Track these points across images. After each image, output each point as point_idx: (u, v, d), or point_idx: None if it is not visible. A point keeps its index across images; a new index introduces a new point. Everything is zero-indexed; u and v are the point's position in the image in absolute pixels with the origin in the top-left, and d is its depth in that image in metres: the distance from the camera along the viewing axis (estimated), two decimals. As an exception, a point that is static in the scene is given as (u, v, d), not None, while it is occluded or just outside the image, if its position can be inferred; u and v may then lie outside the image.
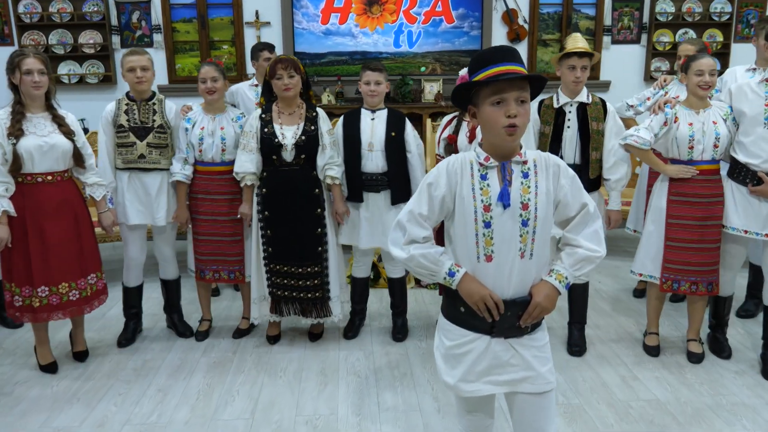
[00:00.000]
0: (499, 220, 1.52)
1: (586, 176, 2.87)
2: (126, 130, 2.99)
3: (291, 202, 2.95)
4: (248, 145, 2.93)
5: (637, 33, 5.64)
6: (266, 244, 3.01)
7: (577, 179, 1.60)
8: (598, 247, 1.58)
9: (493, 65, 1.48)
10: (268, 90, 2.97)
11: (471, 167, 1.55)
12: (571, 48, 2.81)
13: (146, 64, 2.97)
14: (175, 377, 2.86)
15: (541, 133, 2.92)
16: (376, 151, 3.00)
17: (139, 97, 3.02)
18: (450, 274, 1.55)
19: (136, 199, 3.05)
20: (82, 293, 2.84)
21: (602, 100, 2.93)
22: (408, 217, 1.59)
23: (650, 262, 2.90)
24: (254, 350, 3.13)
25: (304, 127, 2.93)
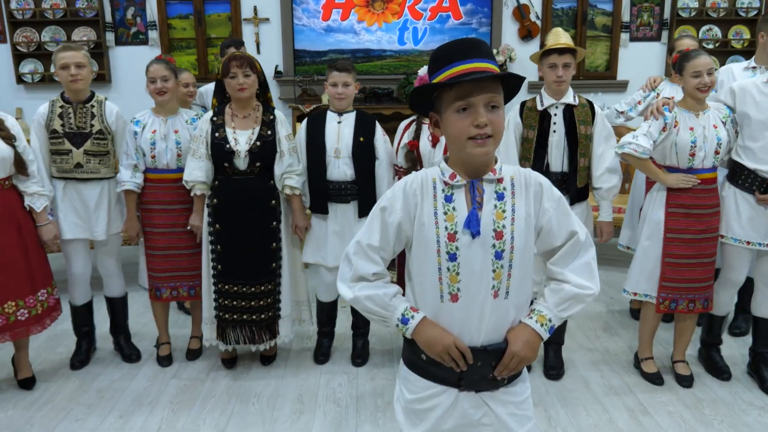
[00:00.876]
0: (467, 252, 1.26)
1: (574, 185, 2.63)
2: (60, 136, 2.68)
3: (244, 214, 2.67)
4: (197, 150, 2.65)
5: (657, 30, 5.30)
6: (215, 260, 2.72)
7: (563, 201, 1.32)
8: (589, 283, 1.30)
9: (456, 63, 1.21)
10: (220, 90, 2.70)
11: (434, 187, 1.29)
12: (551, 44, 2.55)
13: (81, 61, 2.67)
14: (139, 402, 2.64)
15: (525, 138, 2.65)
16: (343, 157, 2.73)
17: (75, 98, 2.71)
18: (403, 320, 1.29)
19: (72, 212, 2.76)
20: (31, 311, 2.59)
21: (589, 101, 2.67)
22: (355, 249, 1.34)
23: (645, 280, 2.63)
24: (230, 372, 2.89)
25: (260, 132, 2.66)
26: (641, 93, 3.25)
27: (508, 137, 2.65)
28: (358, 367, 2.91)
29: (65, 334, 3.28)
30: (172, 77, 2.76)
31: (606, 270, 4.22)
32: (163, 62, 2.78)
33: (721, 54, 5.21)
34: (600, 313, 3.54)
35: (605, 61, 5.39)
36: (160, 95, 2.74)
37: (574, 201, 2.62)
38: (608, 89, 5.27)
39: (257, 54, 5.25)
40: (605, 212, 2.71)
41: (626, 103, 3.25)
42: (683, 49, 2.95)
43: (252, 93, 2.63)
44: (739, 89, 2.54)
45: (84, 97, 2.74)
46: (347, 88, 2.72)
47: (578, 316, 3.42)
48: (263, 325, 2.77)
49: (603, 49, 5.35)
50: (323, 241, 2.80)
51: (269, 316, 2.78)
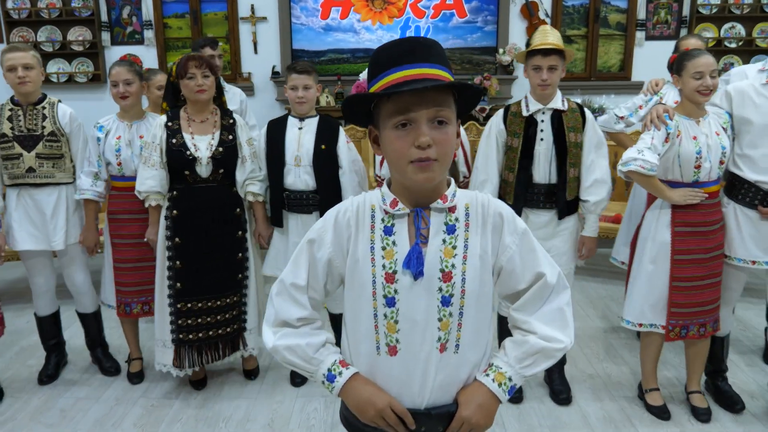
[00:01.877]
0: (408, 296, 1.05)
1: (563, 198, 2.41)
2: (10, 140, 2.53)
3: (208, 225, 2.50)
4: (150, 158, 2.46)
5: (675, 28, 5.00)
6: (174, 278, 2.53)
7: (528, 236, 1.10)
8: (560, 335, 1.08)
9: (395, 68, 1.00)
10: (172, 93, 2.52)
11: (372, 216, 1.08)
12: (536, 44, 2.30)
13: (30, 62, 2.51)
14: (102, 424, 2.48)
15: (509, 147, 2.43)
16: (303, 165, 2.55)
17: (24, 100, 2.55)
18: (329, 377, 1.09)
19: (27, 221, 2.60)
20: None
21: (579, 106, 2.43)
22: (278, 289, 1.14)
23: (651, 309, 2.36)
24: (201, 392, 2.71)
25: (221, 137, 2.49)
26: (642, 97, 2.99)
27: (489, 145, 2.44)
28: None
29: (37, 346, 3.16)
30: (137, 80, 2.60)
31: (605, 283, 3.97)
32: (126, 64, 2.63)
33: (744, 54, 4.90)
34: (601, 333, 3.29)
35: (619, 61, 5.11)
36: (123, 99, 2.59)
37: (563, 215, 2.43)
38: (622, 91, 4.99)
39: (254, 54, 5.11)
40: (591, 227, 2.48)
41: (626, 108, 2.98)
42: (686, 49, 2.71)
43: (211, 95, 2.47)
44: (735, 92, 2.30)
45: (34, 99, 2.59)
46: (308, 92, 2.54)
47: (577, 337, 3.17)
48: (227, 339, 2.62)
49: (617, 49, 5.08)
50: (284, 253, 2.62)
51: (234, 329, 2.63)
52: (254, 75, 5.13)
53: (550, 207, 2.41)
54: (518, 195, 2.41)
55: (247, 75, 5.12)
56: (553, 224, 2.43)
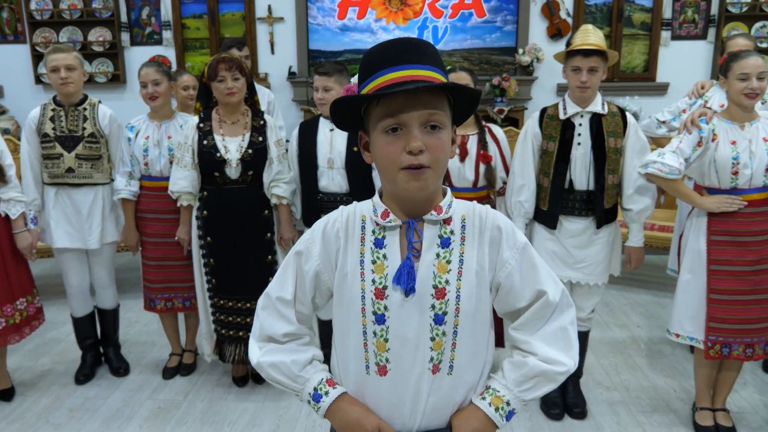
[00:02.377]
0: (398, 314, 0.99)
1: (602, 206, 2.29)
2: (51, 140, 2.57)
3: (236, 226, 2.49)
4: (183, 159, 2.48)
5: (703, 27, 4.84)
6: (209, 274, 2.57)
7: (529, 250, 1.03)
8: (563, 356, 1.01)
9: (385, 70, 0.94)
10: (205, 94, 2.51)
11: (362, 227, 1.02)
12: (576, 44, 2.19)
13: (72, 63, 2.54)
14: (108, 424, 2.47)
15: (544, 151, 2.33)
16: (336, 167, 2.51)
17: (66, 101, 2.59)
18: (315, 397, 1.04)
19: (64, 219, 2.64)
20: (9, 321, 2.49)
21: (621, 109, 2.31)
22: (264, 302, 1.09)
23: (689, 321, 2.24)
24: (208, 394, 2.69)
25: (251, 139, 2.47)
26: (687, 100, 2.86)
27: (525, 149, 2.34)
28: None
29: (50, 343, 3.19)
30: (165, 80, 2.60)
31: (625, 291, 3.85)
32: (155, 65, 2.63)
33: (775, 53, 4.72)
34: (619, 343, 3.18)
35: (643, 61, 4.97)
36: (152, 100, 2.60)
37: (602, 223, 2.30)
38: (646, 92, 4.85)
39: (271, 54, 5.09)
40: (635, 236, 2.36)
41: (669, 112, 2.87)
42: (734, 49, 2.58)
43: (241, 97, 2.46)
44: None
45: (76, 99, 2.62)
46: (327, 93, 2.49)
47: (596, 347, 3.08)
48: None
49: (641, 49, 4.94)
50: None
51: None
52: (271, 75, 5.12)
53: (586, 214, 2.30)
54: (554, 201, 2.31)
55: (263, 75, 5.11)
56: (589, 232, 2.32)
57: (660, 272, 4.08)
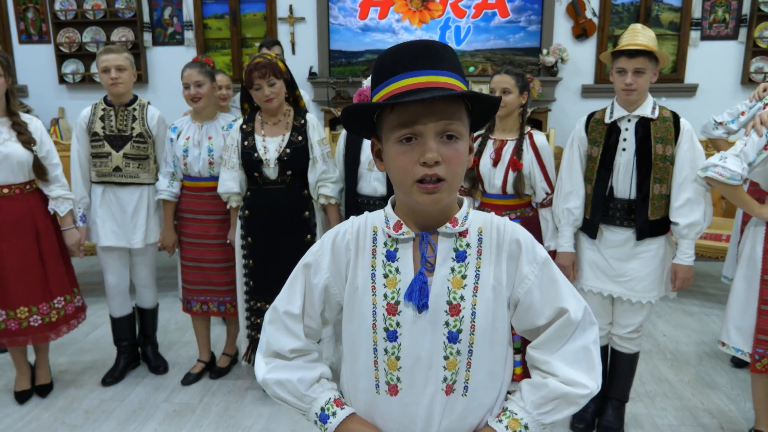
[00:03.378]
0: (411, 330, 0.94)
1: (644, 217, 2.13)
2: (101, 139, 2.60)
3: (275, 227, 2.47)
4: (229, 160, 2.50)
5: (734, 27, 4.69)
6: (248, 276, 2.55)
7: (550, 265, 0.97)
8: (585, 378, 0.95)
9: (399, 76, 0.88)
10: (248, 95, 2.49)
11: (374, 239, 0.97)
12: (623, 44, 2.06)
13: (122, 64, 2.56)
14: (123, 427, 2.46)
15: (589, 156, 2.21)
16: (376, 170, 2.47)
17: (116, 101, 2.63)
18: (322, 417, 0.99)
19: (110, 218, 2.66)
20: (45, 319, 2.52)
21: (675, 114, 2.13)
22: (271, 317, 1.05)
23: (737, 331, 2.13)
24: (224, 398, 2.67)
25: (290, 139, 2.44)
26: (747, 103, 2.74)
27: (572, 154, 2.23)
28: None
29: (70, 343, 3.19)
30: (207, 81, 2.58)
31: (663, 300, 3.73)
32: (197, 65, 2.61)
33: (810, 54, 4.55)
34: (649, 352, 3.07)
35: (671, 62, 4.83)
36: (194, 101, 2.59)
37: (643, 236, 2.14)
38: (674, 94, 4.72)
39: (292, 55, 5.07)
40: (683, 253, 2.14)
41: (728, 113, 2.74)
42: None
43: (281, 101, 2.43)
44: None
45: (126, 100, 2.64)
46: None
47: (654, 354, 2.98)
48: None
49: (669, 49, 4.80)
50: None
51: None
52: (291, 76, 5.09)
53: (627, 225, 2.15)
54: (595, 209, 2.18)
55: (284, 76, 5.09)
56: (630, 245, 2.17)
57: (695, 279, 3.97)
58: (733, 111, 2.77)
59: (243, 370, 2.86)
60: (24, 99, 5.33)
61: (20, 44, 5.37)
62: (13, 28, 5.35)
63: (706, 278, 4.02)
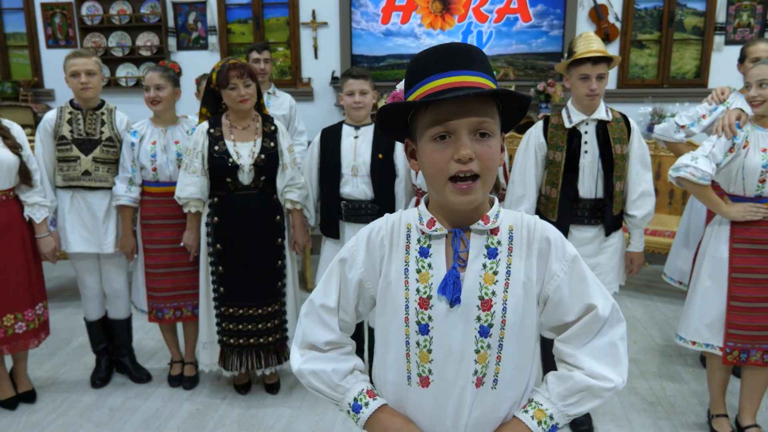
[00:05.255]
0: (443, 324, 0.96)
1: (610, 213, 2.26)
2: (68, 143, 2.56)
3: (248, 232, 2.47)
4: (191, 165, 2.45)
5: (759, 31, 4.63)
6: (217, 282, 2.52)
7: (579, 263, 0.98)
8: (611, 372, 0.97)
9: (433, 76, 0.91)
10: (213, 99, 2.49)
11: (407, 236, 0.99)
12: (582, 52, 2.13)
13: (92, 68, 2.54)
14: (147, 425, 2.49)
15: (551, 161, 2.27)
16: (361, 175, 2.50)
17: (85, 105, 2.60)
18: (354, 407, 1.01)
19: (80, 224, 2.62)
20: (29, 325, 2.51)
21: (624, 116, 2.31)
22: (307, 309, 1.07)
23: (707, 328, 2.21)
24: (246, 398, 2.69)
25: (263, 144, 2.45)
26: (706, 106, 2.76)
27: (528, 159, 2.30)
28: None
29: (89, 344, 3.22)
30: (169, 86, 2.58)
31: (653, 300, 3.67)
32: (159, 69, 2.61)
33: (839, 60, 4.46)
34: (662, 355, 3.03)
35: (695, 67, 4.78)
36: (154, 105, 2.58)
37: (611, 230, 2.30)
38: (697, 99, 4.62)
39: (315, 59, 5.12)
40: (637, 241, 2.37)
41: (688, 117, 2.76)
42: (757, 56, 2.56)
43: (253, 103, 2.45)
44: None
45: (94, 104, 2.64)
46: (365, 97, 2.49)
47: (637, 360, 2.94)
48: (270, 348, 2.59)
49: (693, 54, 4.75)
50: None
51: (276, 339, 2.59)
52: (314, 80, 5.14)
53: (595, 223, 2.29)
54: (563, 211, 2.28)
55: (307, 80, 5.13)
56: (598, 240, 2.31)
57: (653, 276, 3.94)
58: (692, 114, 2.79)
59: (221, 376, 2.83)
60: (50, 103, 5.45)
61: (47, 49, 5.49)
62: (40, 33, 5.47)
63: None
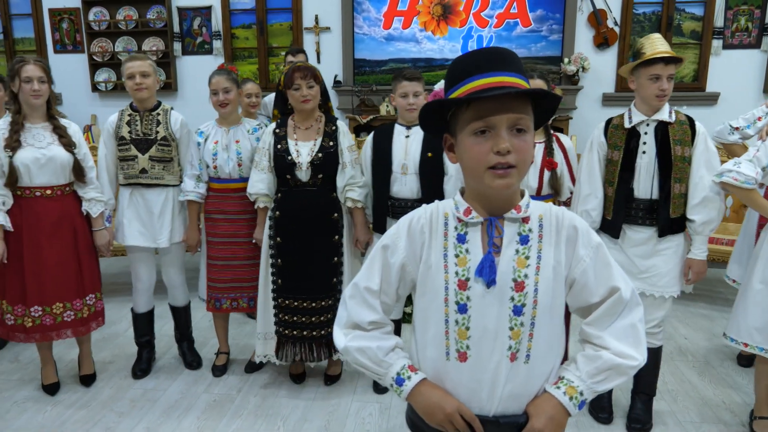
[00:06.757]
0: (480, 304, 1.05)
1: (666, 215, 2.24)
2: (127, 143, 2.73)
3: (305, 227, 2.58)
4: (260, 163, 2.62)
5: (756, 35, 4.76)
6: (276, 275, 2.65)
7: (603, 250, 1.08)
8: (633, 351, 1.06)
9: (475, 76, 1.01)
10: (282, 101, 2.62)
11: (445, 223, 1.09)
12: (654, 52, 2.16)
13: (147, 70, 2.69)
14: (168, 415, 2.56)
15: (609, 160, 2.31)
16: (410, 174, 2.56)
17: (141, 106, 2.75)
18: (398, 381, 1.10)
19: (137, 219, 2.78)
20: (77, 314, 2.64)
21: (689, 118, 2.27)
22: (352, 292, 1.16)
23: (758, 331, 2.20)
24: (261, 390, 2.77)
25: (322, 143, 2.56)
26: (764, 108, 2.81)
27: (591, 158, 2.33)
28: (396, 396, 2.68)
29: (109, 338, 3.32)
30: (234, 88, 2.73)
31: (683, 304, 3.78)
32: (225, 72, 2.75)
33: (831, 63, 4.60)
34: (670, 354, 3.12)
35: (693, 70, 4.90)
36: (222, 107, 2.72)
37: (665, 233, 2.26)
38: (695, 102, 4.78)
39: (317, 63, 5.21)
40: (698, 248, 2.26)
41: (744, 119, 2.82)
42: None
43: (315, 104, 2.56)
44: None
45: (150, 105, 2.77)
46: (417, 98, 2.56)
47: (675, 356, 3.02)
48: (322, 341, 2.67)
49: (691, 58, 4.87)
50: None
51: (329, 333, 2.65)
52: (317, 84, 5.23)
53: (650, 224, 2.27)
54: (618, 209, 2.28)
55: (309, 84, 5.22)
56: (652, 242, 2.28)
57: (708, 285, 4.01)
58: (748, 116, 2.84)
59: (276, 365, 2.94)
60: (58, 106, 5.52)
61: (55, 53, 5.58)
62: (48, 38, 5.56)
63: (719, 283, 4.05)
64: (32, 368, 2.99)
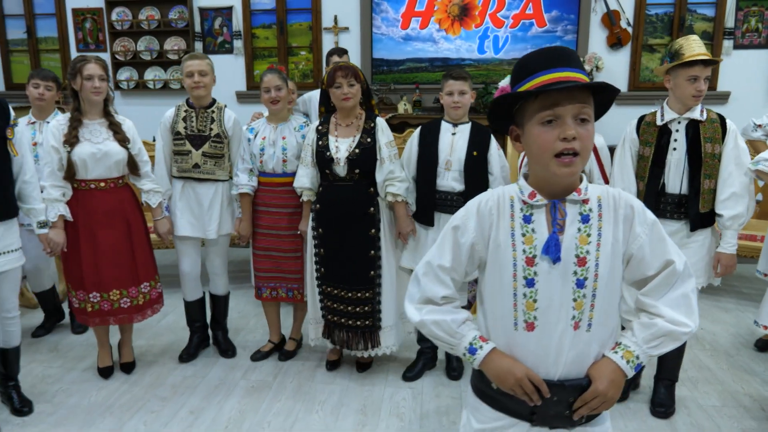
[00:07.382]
0: (546, 278, 1.16)
1: (695, 209, 2.35)
2: (182, 138, 2.87)
3: (343, 221, 2.70)
4: (305, 158, 2.76)
5: (766, 36, 4.86)
6: (319, 263, 2.79)
7: (658, 226, 1.19)
8: (686, 319, 1.17)
9: (543, 72, 1.12)
10: (326, 99, 2.75)
11: (511, 206, 1.20)
12: (693, 54, 2.26)
13: (204, 69, 2.83)
14: (209, 399, 2.69)
15: (641, 156, 2.43)
16: (453, 170, 2.66)
17: (197, 103, 2.89)
18: (471, 350, 1.21)
19: (188, 210, 2.92)
20: (133, 301, 2.78)
21: (720, 116, 2.37)
22: (425, 270, 1.26)
23: None
24: (296, 376, 2.89)
25: (360, 140, 2.67)
26: None
27: (624, 154, 2.45)
28: (445, 384, 2.81)
29: (146, 328, 3.42)
30: (285, 86, 2.85)
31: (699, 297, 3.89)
32: (276, 72, 2.87)
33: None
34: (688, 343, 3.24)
35: (703, 70, 5.00)
36: (274, 104, 2.84)
37: (695, 227, 2.37)
38: (706, 102, 4.82)
39: (336, 62, 5.32)
40: (727, 242, 2.36)
41: (767, 116, 2.95)
42: None
43: (356, 102, 2.67)
44: None
45: (206, 102, 2.90)
46: (463, 97, 2.65)
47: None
48: (359, 332, 2.78)
49: (700, 58, 4.97)
50: (423, 248, 2.72)
51: (366, 325, 2.77)
52: (335, 82, 5.34)
53: (679, 218, 2.38)
54: (648, 204, 2.31)
55: (328, 82, 5.34)
56: (681, 235, 2.38)
57: (737, 281, 4.12)
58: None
59: (309, 353, 3.07)
60: (81, 104, 5.64)
61: (78, 52, 5.68)
62: (71, 37, 5.67)
63: (740, 278, 4.17)
64: (71, 356, 3.12)
